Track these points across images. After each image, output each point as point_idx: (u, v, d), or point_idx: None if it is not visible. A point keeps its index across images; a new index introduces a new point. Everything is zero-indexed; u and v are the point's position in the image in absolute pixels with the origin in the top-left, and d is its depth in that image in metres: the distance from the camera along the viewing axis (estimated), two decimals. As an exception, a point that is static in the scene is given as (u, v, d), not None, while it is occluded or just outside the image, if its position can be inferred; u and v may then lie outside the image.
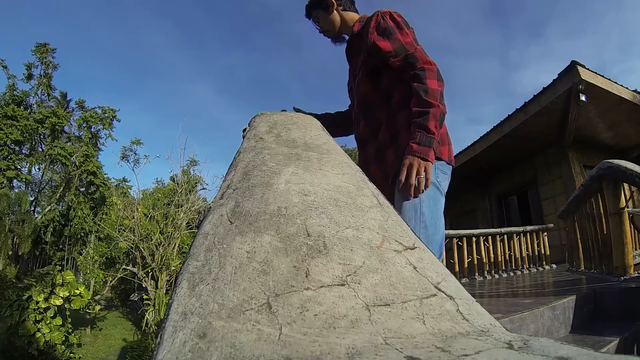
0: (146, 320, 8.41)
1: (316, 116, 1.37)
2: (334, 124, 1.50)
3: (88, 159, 21.32)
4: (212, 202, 0.66)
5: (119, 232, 10.08)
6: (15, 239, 17.56)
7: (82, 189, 22.03)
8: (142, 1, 52.85)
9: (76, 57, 46.61)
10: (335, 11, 1.40)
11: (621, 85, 6.33)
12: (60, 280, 6.47)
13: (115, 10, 48.05)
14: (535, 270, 6.12)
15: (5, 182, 19.49)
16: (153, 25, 55.83)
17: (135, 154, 24.59)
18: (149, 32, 55.71)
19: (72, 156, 21.08)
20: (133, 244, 9.48)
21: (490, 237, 5.92)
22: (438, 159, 1.18)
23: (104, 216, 18.68)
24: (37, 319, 5.82)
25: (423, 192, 1.11)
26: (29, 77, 22.18)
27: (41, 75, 22.43)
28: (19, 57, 44.07)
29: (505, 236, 6.09)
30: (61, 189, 21.51)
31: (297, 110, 1.45)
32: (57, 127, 21.48)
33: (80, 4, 44.60)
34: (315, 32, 1.49)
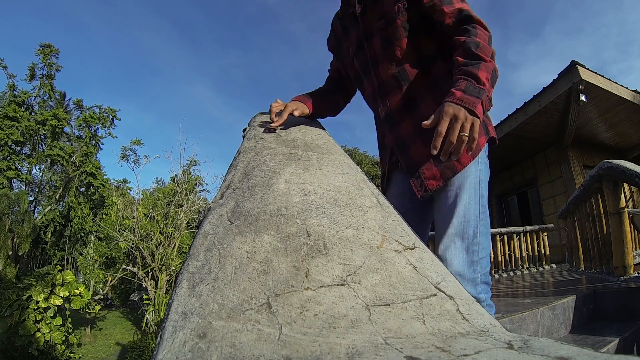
0: (146, 320, 8.41)
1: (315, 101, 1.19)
2: (329, 107, 1.27)
3: (87, 159, 21.33)
4: (212, 202, 0.66)
5: (119, 232, 10.08)
6: (15, 239, 17.57)
7: (82, 189, 22.04)
8: (139, 1, 52.86)
9: (74, 57, 46.62)
10: None
11: (621, 85, 6.33)
12: (60, 280, 6.48)
13: (113, 11, 48.07)
14: (535, 270, 6.12)
15: (5, 182, 19.50)
16: (151, 26, 55.84)
17: (136, 154, 24.66)
18: (146, 32, 55.73)
19: (71, 157, 21.09)
20: (133, 244, 9.48)
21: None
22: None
23: (104, 216, 18.69)
24: (37, 319, 5.82)
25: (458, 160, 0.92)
26: (32, 77, 22.15)
27: (44, 76, 22.41)
28: (17, 56, 44.10)
29: (505, 236, 6.10)
30: (61, 189, 21.52)
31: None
32: (57, 129, 21.49)
33: (78, 3, 44.62)
34: (313, 31, 1.24)
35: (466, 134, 0.79)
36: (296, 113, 1.07)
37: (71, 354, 6.25)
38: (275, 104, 1.07)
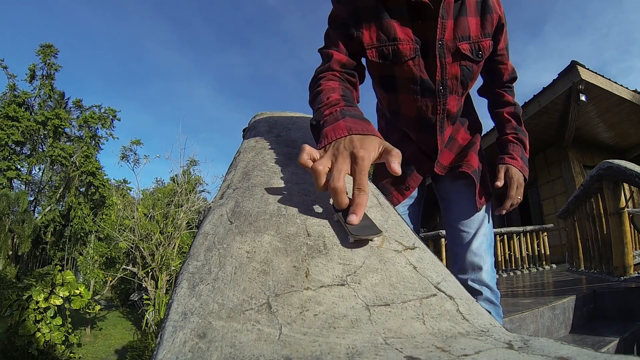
0: (146, 320, 8.41)
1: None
2: None
3: (87, 160, 21.34)
4: (212, 202, 0.66)
5: (119, 232, 10.08)
6: (15, 239, 17.57)
7: (82, 189, 22.05)
8: (139, 1, 52.82)
9: (74, 57, 46.62)
10: None
11: (621, 85, 6.33)
12: (60, 280, 6.48)
13: (113, 9, 48.05)
14: (535, 270, 6.12)
15: (5, 182, 19.50)
16: (151, 25, 55.78)
17: (135, 154, 24.69)
18: (146, 32, 55.67)
19: (72, 157, 21.10)
20: (133, 244, 9.48)
21: (490, 237, 5.92)
22: None
23: (104, 216, 18.69)
24: (37, 319, 5.82)
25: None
26: (32, 77, 22.15)
27: (44, 77, 22.40)
28: (17, 56, 44.08)
29: (505, 236, 6.10)
30: (61, 189, 21.52)
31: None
32: (59, 129, 21.50)
33: (78, 3, 44.61)
34: (313, 31, 1.04)
35: (520, 197, 1.00)
36: (396, 166, 0.53)
37: (71, 354, 6.25)
38: (319, 166, 0.52)
